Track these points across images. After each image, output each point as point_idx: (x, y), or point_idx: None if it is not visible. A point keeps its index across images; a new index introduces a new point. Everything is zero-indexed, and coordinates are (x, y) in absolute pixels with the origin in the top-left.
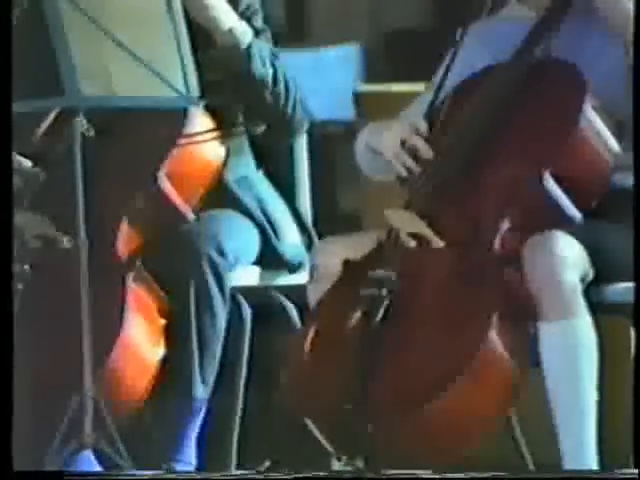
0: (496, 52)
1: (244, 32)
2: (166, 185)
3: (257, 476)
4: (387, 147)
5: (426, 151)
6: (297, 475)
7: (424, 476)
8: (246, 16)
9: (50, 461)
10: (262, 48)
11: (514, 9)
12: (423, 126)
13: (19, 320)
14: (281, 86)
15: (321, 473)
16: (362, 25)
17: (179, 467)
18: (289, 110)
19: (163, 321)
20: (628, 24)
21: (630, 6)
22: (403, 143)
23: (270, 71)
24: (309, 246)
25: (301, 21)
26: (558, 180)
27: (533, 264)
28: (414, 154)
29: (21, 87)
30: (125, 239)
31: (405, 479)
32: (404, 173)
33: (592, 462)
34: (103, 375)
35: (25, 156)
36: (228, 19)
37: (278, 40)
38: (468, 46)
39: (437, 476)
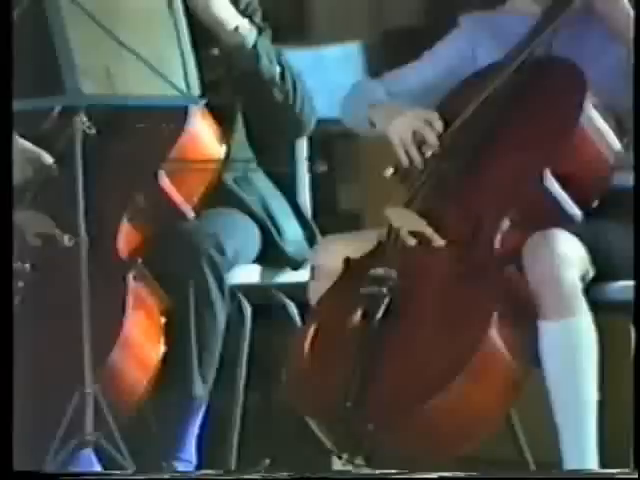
0: (498, 43)
1: (250, 31)
2: (166, 183)
3: (257, 475)
4: (396, 132)
5: (434, 146)
6: (297, 474)
7: (424, 475)
8: (247, 14)
9: (50, 461)
10: (268, 46)
11: (518, 2)
12: (438, 123)
13: (19, 318)
14: (289, 84)
15: (321, 472)
16: (363, 23)
17: (179, 465)
18: (297, 108)
19: (163, 319)
20: (628, 24)
21: (630, 6)
22: (414, 133)
23: (277, 69)
24: (311, 242)
25: (301, 19)
26: (559, 179)
27: (533, 263)
28: (420, 147)
29: (22, 86)
30: (125, 238)
31: (405, 479)
32: (406, 162)
33: (592, 462)
34: (103, 374)
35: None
36: (234, 18)
37: (278, 38)
38: (471, 33)
39: (437, 475)
